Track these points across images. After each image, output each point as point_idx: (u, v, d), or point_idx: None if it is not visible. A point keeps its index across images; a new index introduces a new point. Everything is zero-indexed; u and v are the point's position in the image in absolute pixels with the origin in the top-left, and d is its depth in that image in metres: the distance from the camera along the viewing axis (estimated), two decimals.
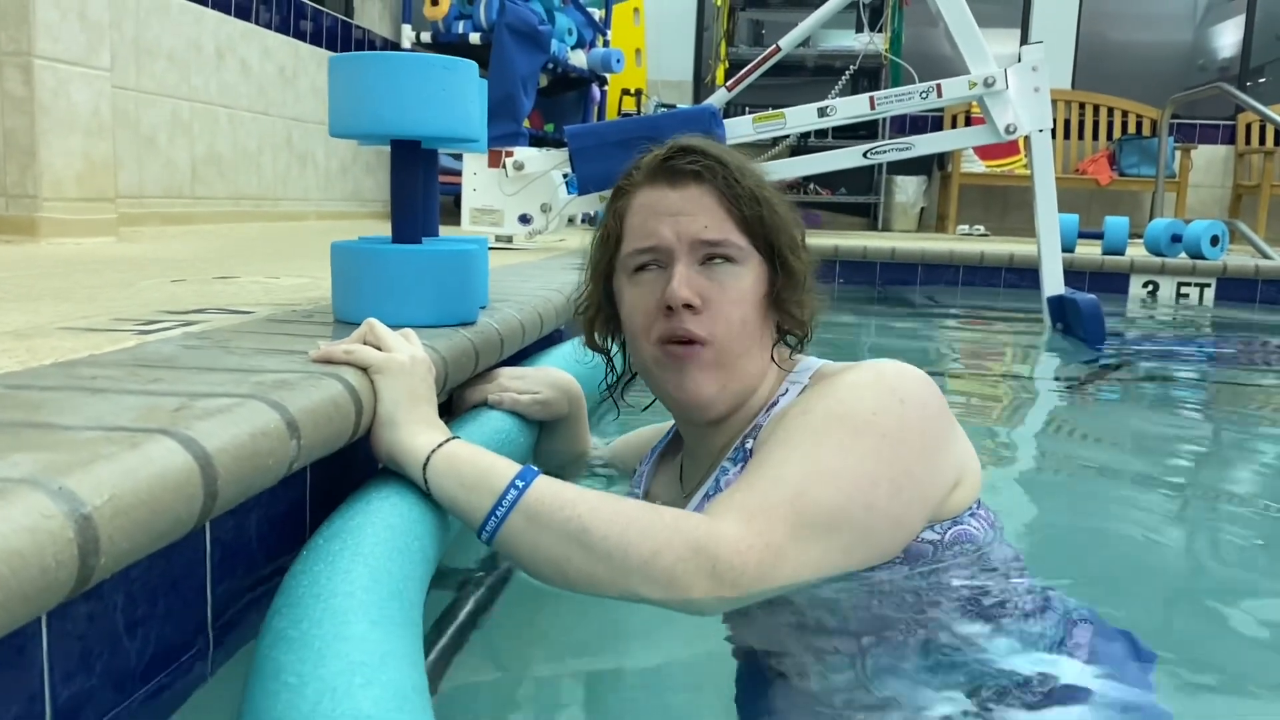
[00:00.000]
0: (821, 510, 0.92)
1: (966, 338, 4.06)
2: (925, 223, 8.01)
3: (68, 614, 0.67)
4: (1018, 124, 3.42)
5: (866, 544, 0.95)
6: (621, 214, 1.14)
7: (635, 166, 1.16)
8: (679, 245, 1.08)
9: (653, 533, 0.88)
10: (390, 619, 0.70)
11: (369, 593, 0.73)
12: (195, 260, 2.58)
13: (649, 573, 0.86)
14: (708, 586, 0.86)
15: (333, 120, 1.29)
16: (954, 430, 1.07)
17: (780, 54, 3.69)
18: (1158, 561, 1.51)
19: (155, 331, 1.22)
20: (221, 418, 0.76)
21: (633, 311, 1.12)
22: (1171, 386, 3.10)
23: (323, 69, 5.40)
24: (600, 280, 1.18)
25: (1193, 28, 9.35)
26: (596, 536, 0.88)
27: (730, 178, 1.10)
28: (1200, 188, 7.88)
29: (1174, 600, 1.38)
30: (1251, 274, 4.86)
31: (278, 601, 0.74)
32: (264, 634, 0.70)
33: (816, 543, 0.91)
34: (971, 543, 1.04)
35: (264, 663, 0.65)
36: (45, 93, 2.84)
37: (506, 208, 3.63)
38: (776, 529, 0.89)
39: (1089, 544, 1.60)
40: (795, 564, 0.89)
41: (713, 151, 1.11)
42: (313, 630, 0.66)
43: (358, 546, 0.81)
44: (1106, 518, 1.74)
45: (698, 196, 1.09)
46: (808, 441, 0.97)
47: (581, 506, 0.90)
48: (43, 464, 0.61)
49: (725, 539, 0.87)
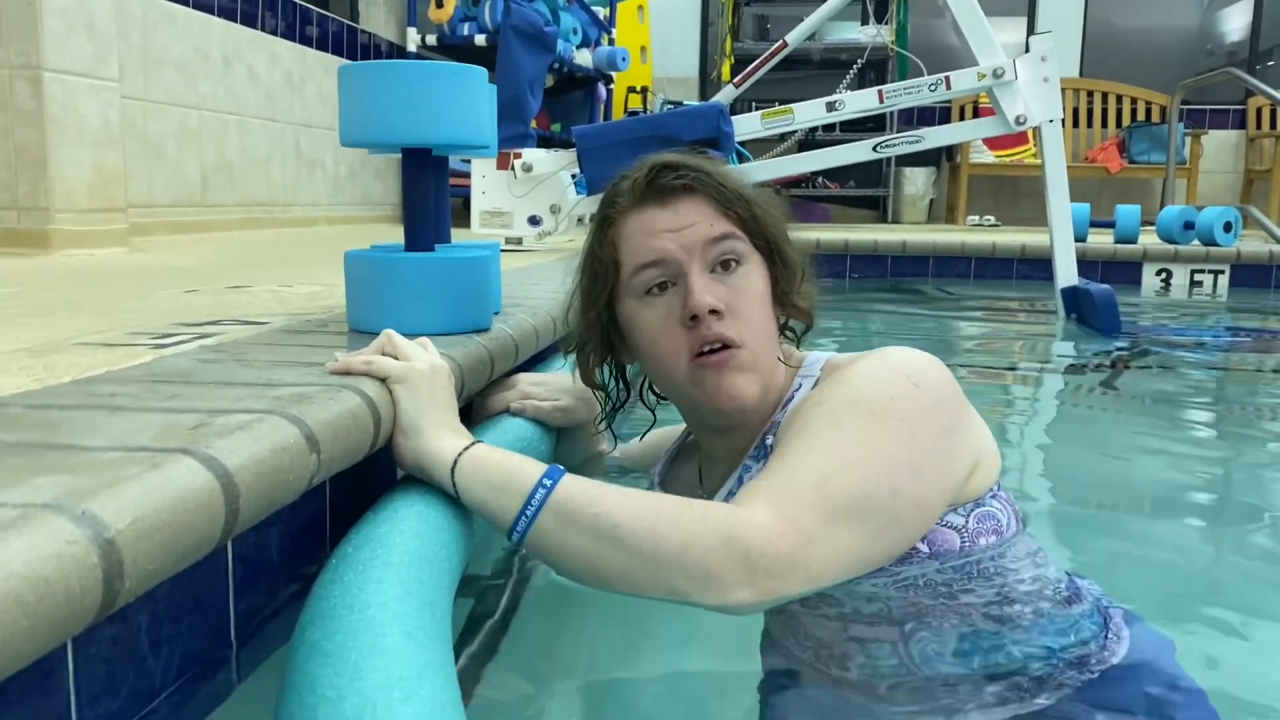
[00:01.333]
0: (849, 496, 0.91)
1: (981, 329, 4.05)
2: (935, 214, 7.98)
3: (93, 636, 0.67)
4: (1028, 115, 3.40)
5: (893, 528, 0.95)
6: (615, 242, 1.11)
7: (616, 194, 1.13)
8: (687, 256, 1.07)
9: (683, 524, 0.87)
10: (424, 630, 0.70)
11: (402, 604, 0.72)
12: (207, 269, 2.59)
13: (682, 565, 0.85)
14: (742, 576, 0.85)
15: (343, 130, 1.29)
16: (969, 412, 1.06)
17: (787, 49, 3.68)
18: (1168, 552, 1.50)
19: (171, 345, 1.22)
20: (241, 434, 0.75)
21: (653, 333, 1.10)
22: (1188, 376, 3.08)
23: (329, 74, 5.40)
24: (600, 312, 1.15)
25: (1200, 12, 9.29)
26: (626, 531, 0.87)
27: (717, 184, 1.09)
28: (1211, 174, 7.83)
29: (1186, 590, 1.37)
30: (1266, 260, 4.82)
31: (309, 612, 0.74)
32: (297, 646, 0.69)
33: (846, 528, 0.90)
34: (995, 522, 1.03)
35: (299, 676, 0.65)
36: (54, 105, 2.85)
37: (516, 209, 3.63)
38: (806, 516, 0.88)
39: (1101, 529, 1.60)
40: (827, 550, 0.88)
41: (693, 163, 1.11)
42: (348, 643, 0.66)
43: (388, 556, 0.80)
44: (1118, 505, 1.74)
45: (693, 208, 1.09)
46: (828, 430, 0.96)
47: (610, 502, 0.89)
48: (65, 487, 0.60)
49: (756, 527, 0.86)
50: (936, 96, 3.45)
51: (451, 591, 0.86)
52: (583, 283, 1.16)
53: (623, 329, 1.14)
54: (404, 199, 1.38)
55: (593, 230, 1.16)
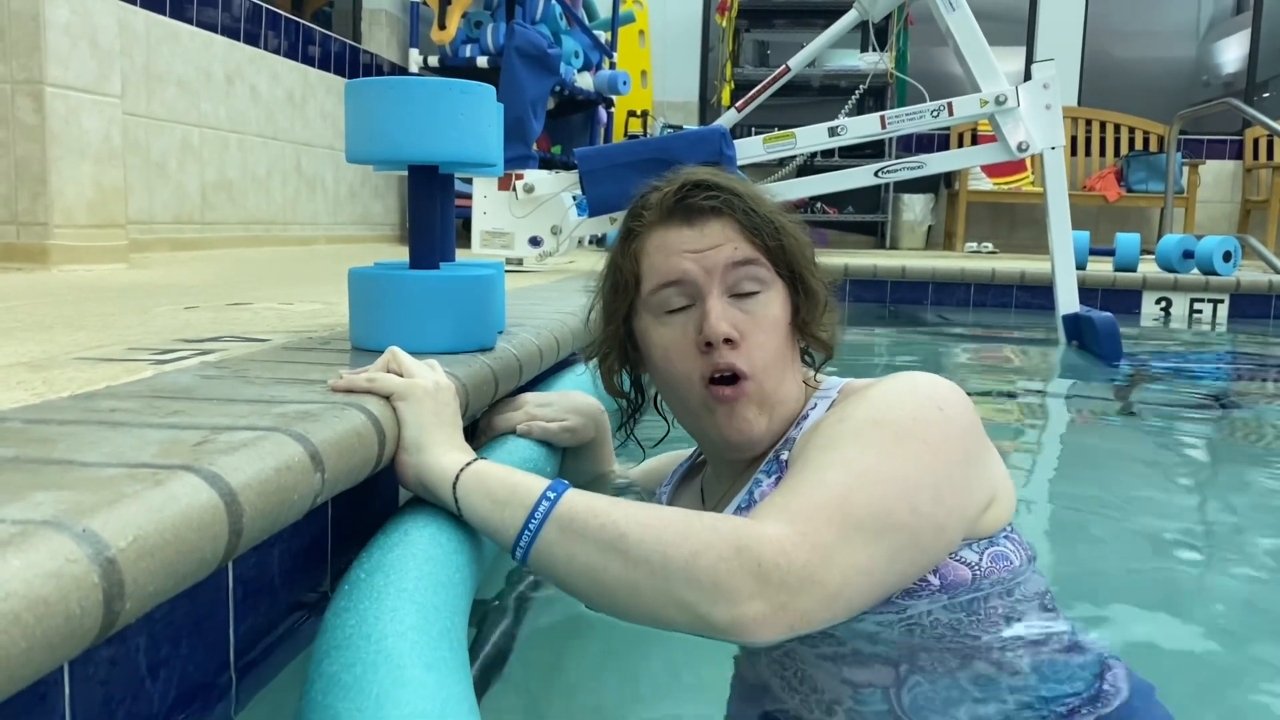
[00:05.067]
0: (868, 512, 0.88)
1: (982, 356, 4.04)
2: (933, 240, 8.00)
3: (90, 658, 0.65)
4: (1030, 142, 3.41)
5: (911, 549, 0.91)
6: (637, 255, 1.11)
7: (644, 206, 1.11)
8: (707, 280, 1.06)
9: (692, 534, 0.83)
10: (444, 661, 0.68)
11: (420, 633, 0.70)
12: (207, 286, 2.57)
13: (691, 575, 0.81)
14: (754, 588, 0.80)
15: (350, 146, 1.27)
16: (988, 445, 1.04)
17: (790, 74, 3.69)
18: (1167, 587, 1.48)
19: (172, 361, 1.20)
20: (245, 452, 0.74)
21: (667, 353, 1.09)
22: (1189, 405, 3.07)
23: (331, 94, 5.41)
24: (619, 324, 1.15)
25: (1196, 43, 9.37)
26: (633, 541, 0.84)
27: (747, 209, 1.08)
28: (1209, 203, 7.86)
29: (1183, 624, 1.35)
30: (1265, 290, 4.82)
31: (324, 642, 0.72)
32: (315, 678, 0.67)
33: (864, 546, 0.86)
34: (1007, 563, 1.01)
35: (318, 710, 0.63)
36: (56, 120, 2.84)
37: (517, 230, 3.63)
38: (822, 530, 0.85)
39: (1102, 567, 1.57)
40: (844, 565, 0.84)
41: (725, 184, 1.09)
42: (368, 675, 0.64)
43: (402, 582, 0.78)
44: (1122, 539, 1.72)
45: (719, 231, 1.07)
46: (849, 446, 0.94)
47: (616, 514, 0.87)
48: (65, 504, 0.59)
49: (768, 538, 0.82)
50: (939, 122, 3.46)
51: (465, 616, 0.84)
52: (604, 291, 1.15)
53: (639, 342, 1.13)
54: (410, 216, 1.37)
55: (617, 239, 1.15)
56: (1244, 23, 8.39)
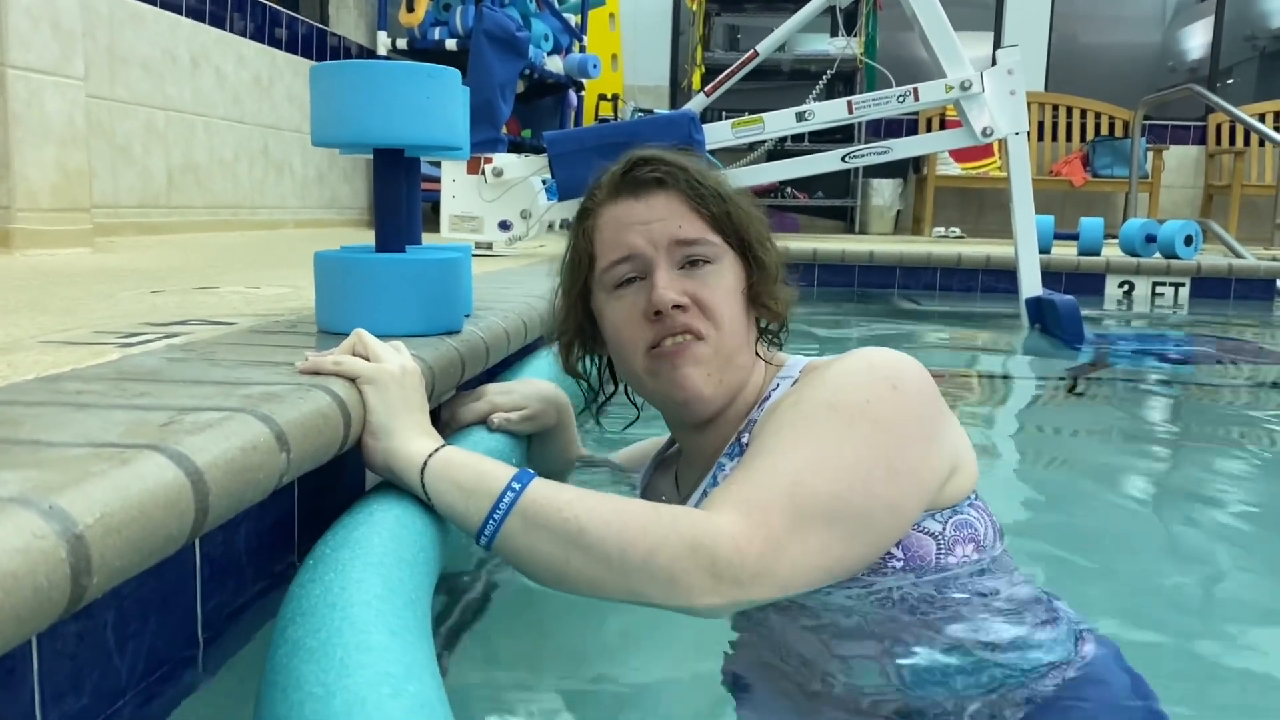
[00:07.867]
0: (819, 500, 0.91)
1: (947, 339, 4.08)
2: (901, 225, 8.05)
3: (58, 633, 0.66)
4: (994, 127, 3.45)
5: (866, 532, 0.95)
6: (590, 233, 1.14)
7: (596, 186, 1.16)
8: (655, 252, 1.09)
9: (650, 531, 0.87)
10: (408, 629, 0.70)
11: (385, 602, 0.72)
12: (173, 270, 2.56)
13: (649, 571, 0.86)
14: (708, 585, 0.85)
15: (315, 130, 1.28)
16: (947, 417, 1.06)
17: (759, 58, 3.70)
18: (1133, 563, 1.52)
19: (138, 344, 1.21)
20: (211, 432, 0.75)
21: (619, 326, 1.12)
22: (1149, 385, 3.12)
23: (298, 77, 5.37)
24: (577, 302, 1.18)
25: (1162, 30, 9.46)
26: (594, 537, 0.87)
27: (692, 180, 1.11)
28: (1172, 188, 7.96)
29: (1149, 599, 1.38)
30: (1225, 273, 4.91)
31: (288, 610, 0.73)
32: (278, 643, 0.69)
33: (815, 533, 0.90)
34: (971, 530, 1.03)
35: (282, 673, 0.64)
36: (18, 103, 2.81)
37: (486, 214, 3.63)
38: (774, 521, 0.88)
39: (1069, 542, 1.61)
40: (795, 555, 0.89)
41: (670, 158, 1.12)
42: (333, 639, 0.65)
43: (367, 556, 0.80)
44: (1087, 516, 1.75)
45: (665, 202, 1.10)
46: (802, 431, 0.97)
47: (579, 507, 0.89)
48: (32, 482, 0.60)
49: (723, 534, 0.87)
50: (905, 108, 3.48)
51: (430, 589, 0.86)
52: (563, 271, 1.18)
53: (596, 320, 1.16)
54: (375, 200, 1.37)
55: (574, 219, 1.17)
56: (1208, 9, 8.48)
